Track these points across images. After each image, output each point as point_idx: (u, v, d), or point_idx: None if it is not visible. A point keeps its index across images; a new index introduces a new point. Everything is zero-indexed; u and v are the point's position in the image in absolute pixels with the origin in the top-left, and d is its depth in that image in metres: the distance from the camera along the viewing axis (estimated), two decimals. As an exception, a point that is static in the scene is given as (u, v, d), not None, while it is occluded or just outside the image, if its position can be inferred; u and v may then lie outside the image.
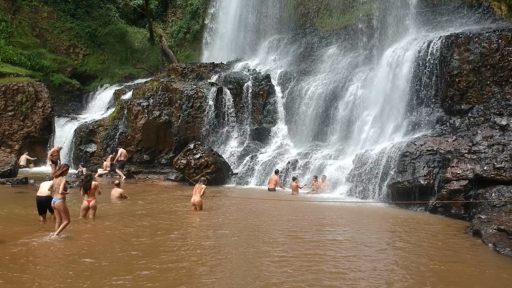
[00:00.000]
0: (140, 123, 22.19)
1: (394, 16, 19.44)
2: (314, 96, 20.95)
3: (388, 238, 9.68)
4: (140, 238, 8.95)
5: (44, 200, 10.41)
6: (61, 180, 8.72)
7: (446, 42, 15.79)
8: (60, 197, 8.74)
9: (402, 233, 10.23)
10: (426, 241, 9.47)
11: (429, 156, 14.30)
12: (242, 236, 9.30)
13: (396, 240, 9.40)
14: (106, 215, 11.41)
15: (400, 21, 19.03)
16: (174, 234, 9.30)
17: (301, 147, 20.23)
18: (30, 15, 31.66)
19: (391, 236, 9.93)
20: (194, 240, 8.96)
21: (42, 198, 10.41)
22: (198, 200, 12.67)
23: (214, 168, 18.92)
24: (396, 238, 9.54)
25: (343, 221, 11.82)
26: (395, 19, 19.31)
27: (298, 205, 14.04)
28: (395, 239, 9.50)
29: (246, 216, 11.91)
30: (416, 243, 9.20)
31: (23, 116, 23.90)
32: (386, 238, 9.59)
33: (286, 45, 25.70)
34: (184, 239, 8.92)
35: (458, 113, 15.48)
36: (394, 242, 9.21)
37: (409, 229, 10.73)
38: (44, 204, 10.40)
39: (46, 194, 10.40)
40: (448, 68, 15.70)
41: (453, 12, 18.21)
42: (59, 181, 8.71)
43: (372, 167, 15.77)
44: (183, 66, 25.87)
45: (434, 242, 9.42)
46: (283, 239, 9.17)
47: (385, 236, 9.85)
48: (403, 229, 10.69)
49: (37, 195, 10.50)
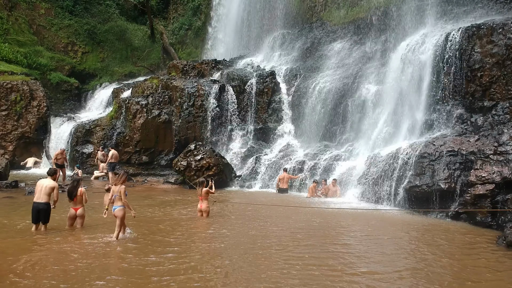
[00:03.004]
0: (139, 122, 21.11)
1: (408, 7, 18.21)
2: (322, 93, 19.77)
3: (410, 253, 8.49)
4: (129, 255, 7.82)
5: (42, 207, 9.44)
6: (121, 188, 8.81)
7: (467, 33, 14.57)
8: (121, 205, 8.80)
9: (425, 246, 9.04)
10: (456, 255, 8.30)
11: (450, 158, 13.11)
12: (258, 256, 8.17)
13: (420, 257, 8.20)
14: (96, 224, 10.31)
15: (414, 13, 17.81)
16: (170, 254, 8.09)
17: (309, 148, 19.05)
18: (27, 11, 30.68)
19: (413, 250, 8.73)
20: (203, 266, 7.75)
21: (40, 204, 9.45)
22: (205, 207, 11.57)
23: (216, 170, 17.80)
24: (418, 254, 8.33)
25: (357, 230, 10.66)
26: (409, 10, 18.09)
27: (308, 212, 12.86)
28: (418, 255, 8.29)
29: (255, 225, 10.76)
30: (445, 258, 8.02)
31: (17, 116, 22.88)
32: (407, 254, 8.38)
33: (291, 40, 24.51)
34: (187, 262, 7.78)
35: (480, 110, 14.27)
36: (418, 260, 8.02)
37: (432, 240, 9.55)
38: (41, 212, 9.44)
39: (45, 200, 9.47)
40: (469, 62, 14.48)
41: (472, 2, 16.96)
42: (119, 189, 8.80)
43: (386, 169, 14.61)
44: (184, 63, 24.76)
45: (464, 257, 8.25)
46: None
47: (405, 251, 8.64)
48: (426, 241, 9.50)
49: (35, 201, 9.52)
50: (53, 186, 9.75)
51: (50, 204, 9.63)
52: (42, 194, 9.57)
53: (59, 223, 10.21)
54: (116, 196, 8.85)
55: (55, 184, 9.85)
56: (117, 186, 8.91)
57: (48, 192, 9.62)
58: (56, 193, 9.75)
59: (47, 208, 9.55)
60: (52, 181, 9.86)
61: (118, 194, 8.83)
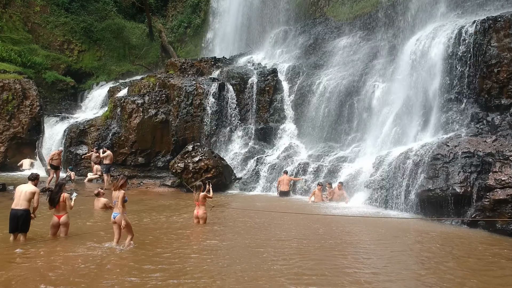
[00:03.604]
0: (135, 122, 20.21)
1: (418, 0, 17.29)
2: (326, 91, 18.83)
3: (428, 268, 7.54)
4: (115, 270, 6.91)
5: (21, 214, 8.54)
6: (120, 192, 8.26)
7: (482, 27, 13.63)
8: (123, 211, 8.24)
9: (443, 259, 8.10)
10: (479, 271, 7.37)
11: (465, 159, 12.17)
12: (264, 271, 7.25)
13: (440, 276, 7.26)
14: (82, 233, 9.41)
15: (424, 6, 16.88)
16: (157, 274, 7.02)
17: (312, 149, 18.11)
18: (21, 9, 29.86)
19: (431, 265, 7.79)
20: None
21: (19, 211, 8.55)
22: (202, 213, 10.70)
23: (215, 172, 16.89)
24: (439, 272, 7.37)
25: (367, 240, 9.73)
26: (419, 3, 17.16)
27: (313, 219, 11.92)
28: (439, 272, 7.34)
29: (256, 235, 9.84)
30: (468, 273, 7.09)
31: (9, 116, 22.01)
32: (426, 269, 7.41)
33: (294, 37, 23.58)
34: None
35: (497, 109, 13.32)
36: (439, 278, 7.08)
37: (450, 252, 8.61)
38: (20, 219, 8.53)
39: (24, 206, 8.57)
40: (485, 57, 13.54)
41: (486, -6, 16.04)
42: (118, 194, 8.26)
43: (396, 172, 13.67)
44: (182, 61, 23.86)
45: (489, 273, 7.32)
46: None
47: (423, 266, 7.68)
48: (443, 254, 8.55)
49: (13, 208, 8.62)
50: (34, 191, 8.87)
51: (29, 211, 8.74)
52: (21, 200, 8.68)
53: (42, 231, 9.32)
54: (116, 202, 8.32)
55: (36, 189, 8.97)
56: (117, 191, 8.33)
57: (28, 197, 8.74)
58: (36, 199, 8.86)
59: (26, 215, 8.66)
60: (33, 186, 8.98)
61: (118, 200, 8.27)
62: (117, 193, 8.31)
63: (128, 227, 8.27)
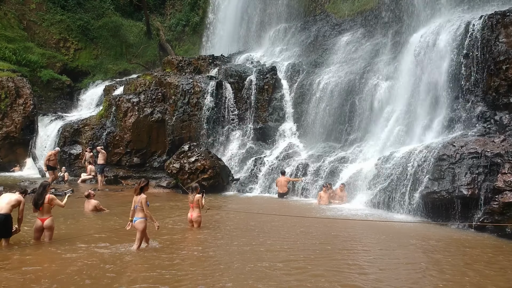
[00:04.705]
0: (130, 121, 19.68)
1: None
2: (326, 90, 18.27)
3: (436, 282, 6.99)
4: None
5: (2, 219, 8.00)
6: (142, 198, 8.08)
7: (490, 22, 13.08)
8: (142, 216, 8.04)
9: (451, 270, 7.55)
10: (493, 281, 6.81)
11: (472, 160, 11.63)
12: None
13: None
14: (68, 237, 8.85)
15: (428, 1, 16.32)
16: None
17: (313, 149, 17.54)
18: (17, 6, 29.31)
19: (441, 277, 7.23)
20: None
21: (1, 217, 8.00)
22: (196, 216, 10.21)
23: (211, 173, 16.34)
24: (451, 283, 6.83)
25: (369, 246, 9.17)
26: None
27: (313, 222, 11.36)
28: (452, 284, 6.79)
29: (253, 241, 9.28)
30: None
31: (2, 115, 21.53)
32: (433, 285, 6.85)
33: (294, 34, 23.02)
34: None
35: (506, 107, 12.78)
36: None
37: (461, 260, 8.06)
38: (1, 224, 8.00)
39: (5, 211, 8.02)
40: (493, 53, 12.99)
41: (493, -11, 15.50)
42: (140, 199, 8.07)
43: (399, 173, 13.13)
44: (179, 59, 23.31)
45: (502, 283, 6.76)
46: None
47: (430, 280, 7.13)
48: (452, 263, 8.00)
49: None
50: (19, 200, 8.29)
51: (10, 216, 8.16)
52: (3, 204, 8.12)
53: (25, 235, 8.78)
54: (137, 207, 8.09)
55: (22, 199, 8.37)
56: (138, 196, 8.12)
57: (11, 203, 8.16)
58: (21, 209, 8.29)
59: (6, 220, 8.09)
60: (20, 195, 8.39)
61: (139, 205, 8.07)
62: (139, 198, 8.10)
63: (143, 233, 8.06)
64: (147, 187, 8.39)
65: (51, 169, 17.25)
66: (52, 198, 8.57)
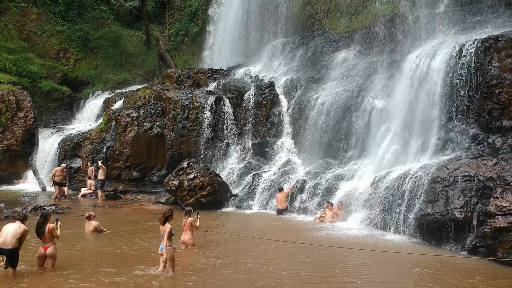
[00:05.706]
0: (129, 136, 19.91)
1: (417, 16, 17.03)
2: (324, 106, 18.53)
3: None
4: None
5: (8, 253, 8.22)
6: (167, 227, 8.51)
7: (483, 46, 13.37)
8: (169, 244, 8.45)
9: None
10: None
11: (466, 183, 11.91)
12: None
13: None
14: (71, 264, 9.07)
15: (424, 22, 16.61)
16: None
17: (310, 165, 17.78)
18: (17, 17, 29.52)
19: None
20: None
21: (5, 251, 8.21)
22: (188, 238, 10.61)
23: (210, 190, 16.58)
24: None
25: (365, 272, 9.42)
26: (418, 19, 16.90)
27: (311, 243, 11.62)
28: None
29: (248, 266, 9.51)
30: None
31: (3, 128, 21.67)
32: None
33: (292, 49, 23.29)
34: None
35: (498, 130, 13.06)
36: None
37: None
38: (8, 257, 8.28)
39: (11, 246, 8.17)
40: (486, 77, 13.27)
41: (487, 12, 15.78)
42: (165, 229, 8.51)
43: (395, 194, 13.38)
44: (178, 72, 23.55)
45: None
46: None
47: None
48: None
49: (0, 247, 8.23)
50: (24, 232, 8.42)
51: (17, 249, 8.33)
52: (8, 238, 8.21)
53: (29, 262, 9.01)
54: (163, 236, 8.54)
55: (26, 228, 8.53)
56: (163, 226, 8.61)
57: (17, 236, 8.27)
58: (24, 239, 8.50)
59: (14, 254, 8.28)
60: (21, 224, 8.56)
61: (165, 234, 8.51)
62: (164, 228, 8.54)
63: (171, 260, 8.45)
64: (171, 217, 8.76)
65: (57, 185, 17.46)
66: (53, 228, 8.75)
